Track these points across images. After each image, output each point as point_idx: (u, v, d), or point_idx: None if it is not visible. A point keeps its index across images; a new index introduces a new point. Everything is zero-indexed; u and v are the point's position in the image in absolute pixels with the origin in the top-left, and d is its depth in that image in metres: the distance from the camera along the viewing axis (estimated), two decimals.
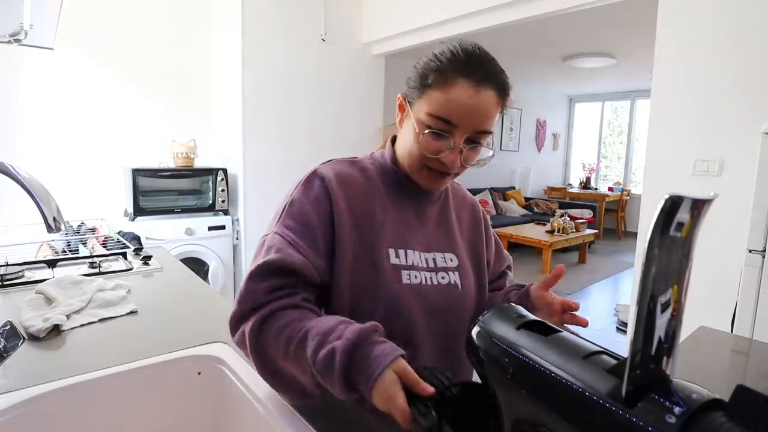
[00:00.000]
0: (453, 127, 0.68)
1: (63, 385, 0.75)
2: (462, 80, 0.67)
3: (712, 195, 0.33)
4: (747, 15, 1.85)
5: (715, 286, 1.91)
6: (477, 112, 0.68)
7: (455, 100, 0.67)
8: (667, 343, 0.34)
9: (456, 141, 0.69)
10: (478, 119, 0.68)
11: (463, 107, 0.67)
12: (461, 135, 0.69)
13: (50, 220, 0.73)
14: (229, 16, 3.16)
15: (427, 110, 0.70)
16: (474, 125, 0.69)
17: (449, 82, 0.68)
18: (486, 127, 0.70)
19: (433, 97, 0.69)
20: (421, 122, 0.70)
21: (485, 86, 0.68)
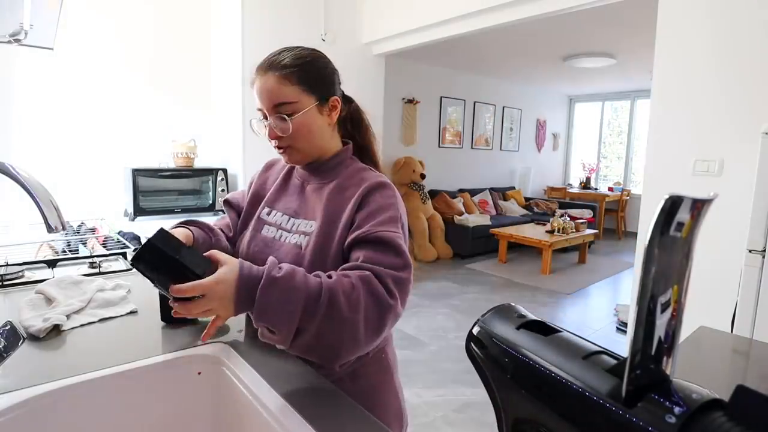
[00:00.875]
0: (262, 110, 0.89)
1: (63, 385, 0.74)
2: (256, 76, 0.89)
3: (712, 195, 0.33)
4: (747, 15, 1.86)
5: (715, 286, 1.91)
6: (262, 92, 0.87)
7: (255, 91, 0.89)
8: (667, 343, 0.34)
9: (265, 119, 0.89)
10: (267, 97, 0.87)
11: (258, 93, 0.88)
12: (267, 112, 0.88)
13: (50, 220, 0.73)
14: (229, 17, 3.17)
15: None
16: (267, 102, 0.87)
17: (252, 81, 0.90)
18: (276, 100, 0.86)
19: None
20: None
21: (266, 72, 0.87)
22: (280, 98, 0.86)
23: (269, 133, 0.89)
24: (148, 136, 3.20)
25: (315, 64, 0.91)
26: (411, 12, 3.26)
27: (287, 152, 0.92)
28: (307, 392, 0.74)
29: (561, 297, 4.19)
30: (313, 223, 0.89)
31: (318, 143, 0.92)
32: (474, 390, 2.43)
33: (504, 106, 7.10)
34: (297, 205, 0.95)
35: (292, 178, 1.00)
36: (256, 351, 0.88)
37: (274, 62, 0.88)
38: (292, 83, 0.87)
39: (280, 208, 0.97)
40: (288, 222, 0.93)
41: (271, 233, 0.94)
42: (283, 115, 0.87)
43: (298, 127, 0.87)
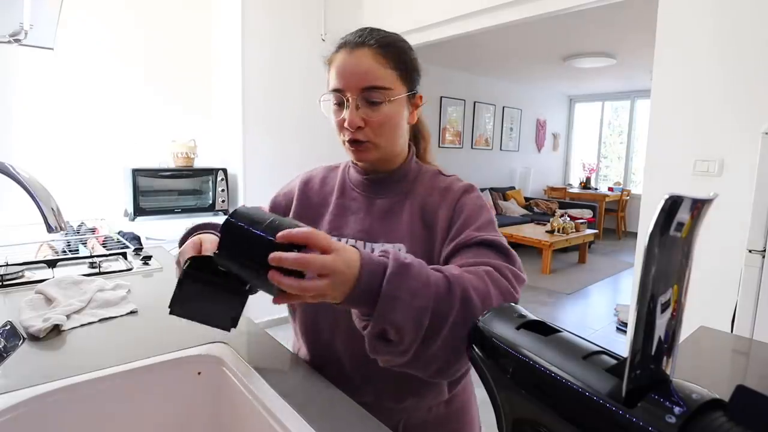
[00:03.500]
0: (343, 92, 0.75)
1: (63, 385, 0.74)
2: (340, 52, 0.76)
3: (712, 195, 0.33)
4: (747, 15, 1.85)
5: (715, 286, 1.91)
6: (355, 70, 0.74)
7: (336, 68, 0.75)
8: (667, 343, 0.34)
9: (348, 102, 0.74)
10: (358, 76, 0.73)
11: (343, 70, 0.74)
12: (351, 95, 0.74)
13: (50, 220, 0.73)
14: (229, 16, 3.17)
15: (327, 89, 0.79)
16: (357, 82, 0.73)
17: (333, 59, 0.77)
18: (370, 81, 0.73)
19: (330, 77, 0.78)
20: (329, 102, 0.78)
21: (359, 47, 0.74)
22: (375, 80, 0.73)
23: (350, 121, 0.73)
24: (148, 136, 3.20)
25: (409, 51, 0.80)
26: (411, 12, 3.26)
27: (363, 148, 0.77)
28: (307, 392, 0.74)
29: (561, 297, 4.19)
30: (401, 246, 0.76)
31: (398, 142, 0.80)
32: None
33: (504, 106, 7.10)
34: (371, 226, 0.80)
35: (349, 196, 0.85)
36: (256, 351, 0.88)
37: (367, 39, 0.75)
38: (390, 66, 0.75)
39: (350, 234, 0.80)
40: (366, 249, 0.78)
41: None
42: (375, 99, 0.74)
43: (387, 119, 0.75)
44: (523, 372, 0.40)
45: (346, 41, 0.76)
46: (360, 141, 0.76)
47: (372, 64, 0.73)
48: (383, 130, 0.76)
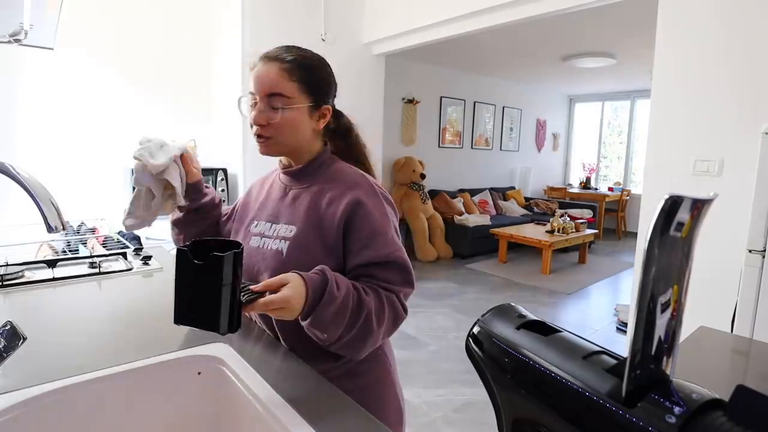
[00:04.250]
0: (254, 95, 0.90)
1: (63, 385, 0.74)
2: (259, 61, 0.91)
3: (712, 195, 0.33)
4: (747, 15, 1.86)
5: (715, 286, 1.91)
6: (264, 78, 0.89)
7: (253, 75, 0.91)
8: (667, 343, 0.34)
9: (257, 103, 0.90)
10: (265, 84, 0.89)
11: (256, 77, 0.90)
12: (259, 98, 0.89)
13: (50, 220, 0.73)
14: (229, 16, 3.17)
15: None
16: (264, 89, 0.89)
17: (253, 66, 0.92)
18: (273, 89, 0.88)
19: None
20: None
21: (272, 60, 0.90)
22: (276, 89, 0.88)
23: (255, 118, 0.90)
24: None
25: (319, 70, 0.95)
26: (411, 12, 3.26)
27: (266, 142, 0.93)
28: (307, 392, 0.74)
29: (561, 297, 4.19)
30: (293, 228, 0.91)
31: (299, 142, 0.94)
32: (474, 390, 2.43)
33: (504, 106, 7.10)
34: (278, 210, 0.97)
35: (274, 187, 1.03)
36: (256, 351, 0.88)
37: (280, 55, 0.91)
38: (292, 79, 0.89)
39: (263, 217, 0.99)
40: (270, 228, 0.95)
41: (255, 243, 0.96)
42: (276, 105, 0.89)
43: (285, 122, 0.90)
44: (523, 372, 0.40)
45: (265, 53, 0.92)
46: (263, 136, 0.91)
47: (276, 75, 0.88)
48: (283, 131, 0.90)
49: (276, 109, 0.89)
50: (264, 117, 0.90)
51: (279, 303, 0.72)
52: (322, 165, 0.97)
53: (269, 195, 1.02)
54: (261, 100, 0.89)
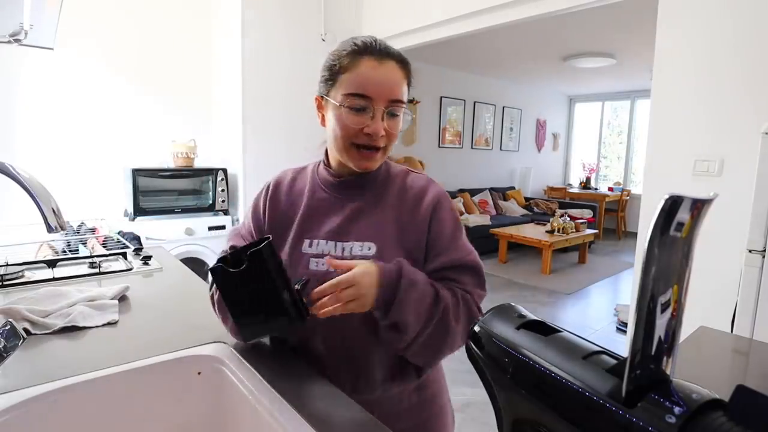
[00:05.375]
0: (369, 100, 0.77)
1: (63, 385, 0.75)
2: (365, 58, 0.77)
3: (712, 195, 0.33)
4: (747, 15, 1.85)
5: (715, 286, 1.91)
6: (385, 80, 0.77)
7: (363, 74, 0.77)
8: (667, 343, 0.34)
9: (375, 110, 0.77)
10: (388, 87, 0.77)
11: (372, 78, 0.77)
12: (378, 105, 0.77)
13: (50, 220, 0.73)
14: (229, 17, 3.16)
15: (342, 92, 0.78)
16: (386, 94, 0.77)
17: (355, 62, 0.78)
18: (397, 95, 0.78)
19: (344, 80, 0.78)
20: (341, 102, 0.78)
21: (386, 59, 0.78)
22: (399, 94, 0.79)
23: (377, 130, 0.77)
24: (148, 136, 3.20)
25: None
26: (411, 12, 3.26)
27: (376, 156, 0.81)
28: (307, 392, 0.74)
29: (561, 297, 4.19)
30: (371, 245, 0.81)
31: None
32: (474, 390, 2.43)
33: (504, 106, 7.10)
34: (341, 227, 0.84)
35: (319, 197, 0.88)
36: (256, 351, 0.88)
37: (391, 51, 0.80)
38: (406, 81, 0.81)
39: (320, 235, 0.84)
40: (337, 248, 0.82)
41: (322, 266, 0.81)
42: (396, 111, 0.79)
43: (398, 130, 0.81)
44: (523, 372, 0.40)
45: (369, 48, 0.78)
46: (377, 148, 0.80)
47: (399, 78, 0.79)
48: (393, 140, 0.81)
49: (395, 116, 0.79)
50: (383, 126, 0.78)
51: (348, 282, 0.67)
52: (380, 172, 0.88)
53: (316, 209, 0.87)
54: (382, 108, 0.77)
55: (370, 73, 0.77)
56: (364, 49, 0.78)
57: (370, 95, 0.76)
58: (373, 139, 0.78)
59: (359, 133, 0.78)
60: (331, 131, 0.82)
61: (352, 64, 0.77)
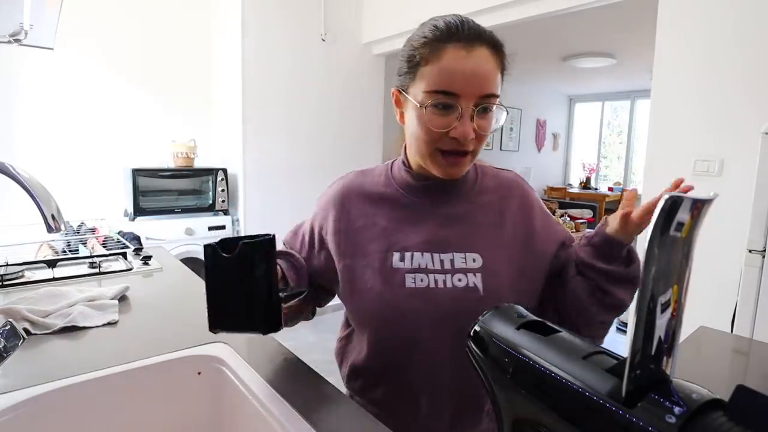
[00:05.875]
0: (455, 97, 0.64)
1: (63, 385, 0.74)
2: (450, 46, 0.64)
3: (712, 195, 0.33)
4: (747, 15, 1.85)
5: (715, 286, 1.91)
6: (475, 73, 0.64)
7: (449, 67, 0.63)
8: (667, 343, 0.34)
9: (463, 109, 0.64)
10: (478, 81, 0.64)
11: (460, 72, 0.63)
12: (467, 102, 0.64)
13: (50, 220, 0.73)
14: (229, 17, 3.17)
15: (424, 89, 0.66)
16: (476, 89, 0.64)
17: (438, 53, 0.64)
18: (490, 89, 0.65)
19: (426, 74, 0.66)
20: (421, 102, 0.66)
21: (476, 45, 0.64)
22: (493, 88, 0.65)
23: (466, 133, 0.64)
24: (148, 136, 3.20)
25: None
26: (411, 12, 3.26)
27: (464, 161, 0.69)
28: (307, 392, 0.74)
29: None
30: (475, 256, 0.72)
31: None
32: None
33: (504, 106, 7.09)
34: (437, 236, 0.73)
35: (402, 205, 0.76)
36: (256, 351, 0.88)
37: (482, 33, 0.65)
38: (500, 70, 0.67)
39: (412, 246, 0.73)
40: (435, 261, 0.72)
41: (421, 282, 0.70)
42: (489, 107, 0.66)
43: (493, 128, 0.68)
44: (523, 372, 0.40)
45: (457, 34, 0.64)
46: (466, 152, 0.68)
47: (491, 67, 0.65)
48: (484, 141, 0.69)
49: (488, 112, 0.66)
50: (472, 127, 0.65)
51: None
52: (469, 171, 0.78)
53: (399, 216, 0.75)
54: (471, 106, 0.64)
55: (456, 65, 0.63)
56: (449, 35, 0.64)
57: (457, 92, 0.64)
58: (460, 143, 0.66)
59: (444, 137, 0.66)
60: (411, 133, 0.71)
61: (435, 54, 0.64)
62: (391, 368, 0.75)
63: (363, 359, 0.78)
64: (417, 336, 0.70)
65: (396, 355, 0.74)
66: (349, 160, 3.51)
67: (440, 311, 0.70)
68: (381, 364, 0.77)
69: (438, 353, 0.71)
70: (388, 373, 0.76)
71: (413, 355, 0.72)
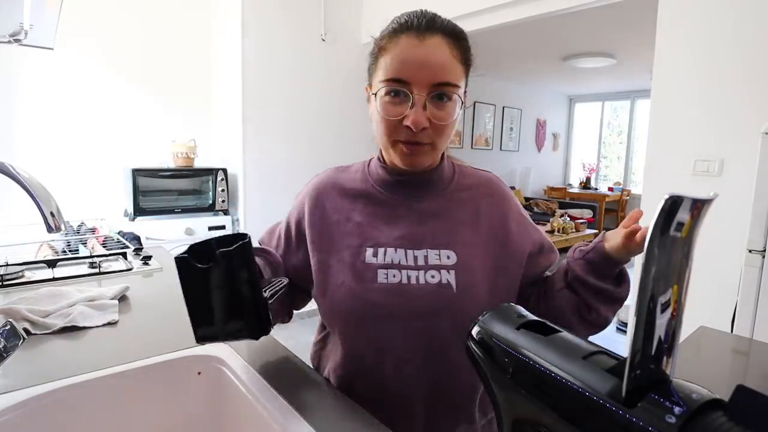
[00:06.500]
0: (407, 85, 0.64)
1: (63, 385, 0.74)
2: (404, 35, 0.65)
3: (712, 195, 0.33)
4: (747, 15, 1.85)
5: (715, 286, 1.91)
6: (427, 60, 0.64)
7: (400, 55, 0.65)
8: (667, 343, 0.34)
9: (415, 97, 0.64)
10: (430, 69, 0.64)
11: (411, 59, 0.64)
12: (419, 90, 0.64)
13: (50, 220, 0.73)
14: (229, 17, 3.17)
15: (380, 78, 0.67)
16: (429, 77, 0.64)
17: (393, 42, 0.66)
18: (444, 77, 0.65)
19: (381, 64, 0.68)
20: (377, 91, 0.68)
21: (430, 34, 0.64)
22: (448, 76, 0.65)
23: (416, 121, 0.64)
24: (148, 136, 3.20)
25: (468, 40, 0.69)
26: None
27: (421, 151, 0.69)
28: (307, 392, 0.74)
29: None
30: (449, 253, 0.71)
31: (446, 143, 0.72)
32: None
33: (504, 106, 7.09)
34: (411, 232, 0.73)
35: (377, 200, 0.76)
36: (256, 351, 0.88)
37: (438, 23, 0.65)
38: (459, 60, 0.66)
39: (386, 242, 0.72)
40: (408, 257, 0.71)
41: (393, 278, 0.70)
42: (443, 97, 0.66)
43: (451, 119, 0.67)
44: (523, 372, 0.40)
45: (410, 23, 0.65)
46: (420, 143, 0.67)
47: (446, 56, 0.64)
48: (445, 131, 0.68)
49: (442, 102, 0.66)
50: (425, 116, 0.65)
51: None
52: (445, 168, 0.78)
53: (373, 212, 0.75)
54: (423, 94, 0.64)
55: (408, 52, 0.64)
56: (407, 26, 0.65)
57: (408, 79, 0.64)
58: (413, 132, 0.65)
59: (399, 126, 0.66)
60: (375, 125, 0.71)
61: (391, 43, 0.66)
62: (364, 366, 0.75)
63: (339, 360, 0.78)
64: (390, 333, 0.70)
65: (368, 352, 0.74)
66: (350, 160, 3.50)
67: (413, 307, 0.69)
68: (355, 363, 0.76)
69: (411, 350, 0.71)
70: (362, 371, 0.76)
71: (385, 353, 0.72)
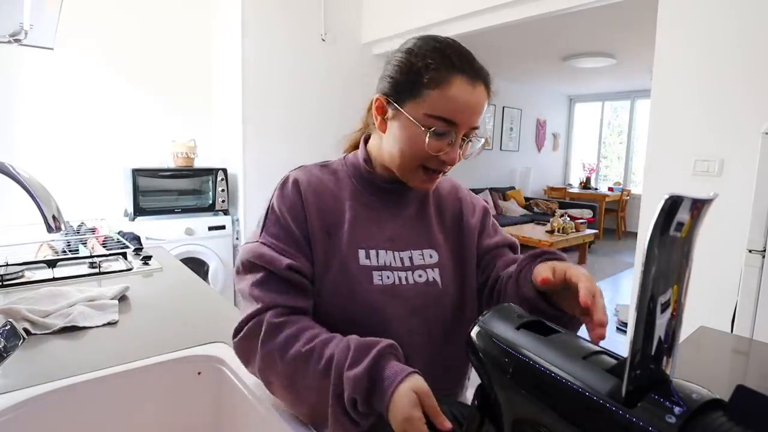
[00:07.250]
0: (454, 125, 0.69)
1: (63, 385, 0.75)
2: (459, 78, 0.68)
3: (712, 195, 0.33)
4: (747, 15, 1.86)
5: (715, 286, 1.91)
6: (475, 109, 0.70)
7: (455, 99, 0.68)
8: (667, 343, 0.34)
9: (456, 138, 0.70)
10: (475, 116, 0.70)
11: (463, 106, 0.68)
12: (460, 131, 0.70)
13: (50, 220, 0.73)
14: (230, 17, 3.17)
15: (425, 111, 0.69)
16: (471, 122, 0.71)
17: (446, 81, 0.68)
18: (478, 122, 0.72)
19: (430, 97, 0.68)
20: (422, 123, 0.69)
21: (479, 82, 0.70)
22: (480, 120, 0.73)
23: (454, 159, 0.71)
24: (148, 135, 3.20)
25: None
26: (411, 12, 3.26)
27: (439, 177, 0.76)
28: None
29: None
30: (431, 252, 0.78)
31: None
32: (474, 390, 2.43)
33: (504, 106, 7.09)
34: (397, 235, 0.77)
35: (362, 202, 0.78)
36: None
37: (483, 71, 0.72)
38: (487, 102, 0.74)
39: (376, 244, 0.75)
40: (396, 259, 0.75)
41: (387, 279, 0.73)
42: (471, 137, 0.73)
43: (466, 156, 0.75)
44: (523, 372, 0.40)
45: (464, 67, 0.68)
46: (443, 173, 0.75)
47: (484, 104, 0.71)
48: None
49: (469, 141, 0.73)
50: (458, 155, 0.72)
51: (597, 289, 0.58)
52: None
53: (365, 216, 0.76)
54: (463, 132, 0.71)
55: (463, 97, 0.68)
56: (460, 66, 0.68)
57: (458, 122, 0.69)
58: (445, 165, 0.72)
59: (432, 158, 0.71)
60: (396, 145, 0.72)
61: (444, 81, 0.67)
62: None
63: None
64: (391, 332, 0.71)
65: None
66: None
67: (406, 307, 0.73)
68: None
69: (413, 348, 0.73)
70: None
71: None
